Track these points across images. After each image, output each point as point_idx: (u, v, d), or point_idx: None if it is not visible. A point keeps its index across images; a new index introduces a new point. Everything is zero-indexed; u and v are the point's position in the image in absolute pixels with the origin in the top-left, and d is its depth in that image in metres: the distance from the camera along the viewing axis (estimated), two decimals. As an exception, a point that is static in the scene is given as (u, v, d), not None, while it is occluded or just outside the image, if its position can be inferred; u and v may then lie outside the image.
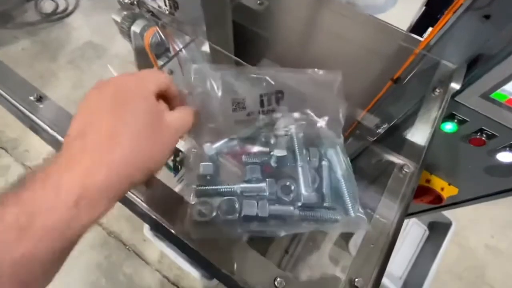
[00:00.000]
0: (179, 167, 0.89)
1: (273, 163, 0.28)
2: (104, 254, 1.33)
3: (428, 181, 0.66)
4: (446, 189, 0.65)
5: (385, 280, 1.31)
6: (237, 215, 0.26)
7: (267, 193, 0.27)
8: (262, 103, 0.32)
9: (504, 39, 0.37)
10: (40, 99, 0.35)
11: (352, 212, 0.27)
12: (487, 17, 0.35)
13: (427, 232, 1.47)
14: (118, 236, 1.37)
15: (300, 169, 0.27)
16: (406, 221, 1.46)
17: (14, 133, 1.59)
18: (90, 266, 1.31)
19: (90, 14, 2.04)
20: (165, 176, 0.96)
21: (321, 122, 0.31)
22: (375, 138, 0.61)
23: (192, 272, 1.09)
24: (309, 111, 0.32)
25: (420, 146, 0.43)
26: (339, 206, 0.27)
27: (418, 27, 0.77)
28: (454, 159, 0.58)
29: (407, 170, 0.35)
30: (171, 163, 0.88)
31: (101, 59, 1.87)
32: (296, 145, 0.29)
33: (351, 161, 0.75)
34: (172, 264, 1.30)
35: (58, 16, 1.99)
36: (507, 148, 0.48)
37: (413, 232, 1.47)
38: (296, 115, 0.31)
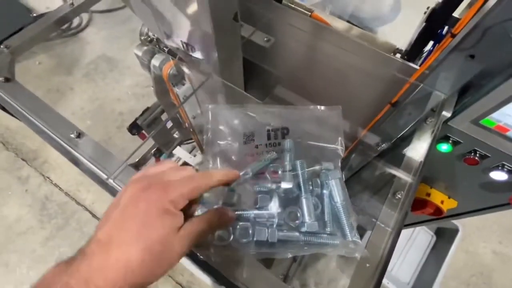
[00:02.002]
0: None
1: (281, 193, 0.33)
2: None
3: (428, 194, 0.70)
4: (446, 202, 0.69)
5: (392, 286, 1.33)
6: (251, 239, 0.31)
7: (276, 219, 0.32)
8: (269, 137, 0.37)
9: (488, 75, 0.41)
10: (79, 135, 0.41)
11: (350, 237, 0.31)
12: (472, 56, 0.39)
13: (434, 238, 1.48)
14: (133, 243, 1.43)
15: (304, 200, 0.32)
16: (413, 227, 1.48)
17: (33, 145, 1.68)
18: (106, 272, 1.37)
19: (102, 29, 2.14)
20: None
21: (322, 156, 0.36)
22: (376, 154, 0.65)
23: (204, 279, 1.13)
24: (311, 146, 0.36)
25: (417, 161, 0.47)
26: (338, 232, 0.32)
27: (419, 42, 0.80)
28: (452, 176, 0.61)
29: (399, 196, 0.39)
30: None
31: (114, 72, 1.96)
32: (301, 178, 0.33)
33: (355, 173, 0.79)
34: (185, 270, 1.36)
35: (72, 31, 2.09)
36: (499, 167, 0.52)
37: (420, 238, 1.49)
38: (300, 151, 0.35)
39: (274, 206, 0.33)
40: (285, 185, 0.32)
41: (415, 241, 1.45)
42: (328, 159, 0.36)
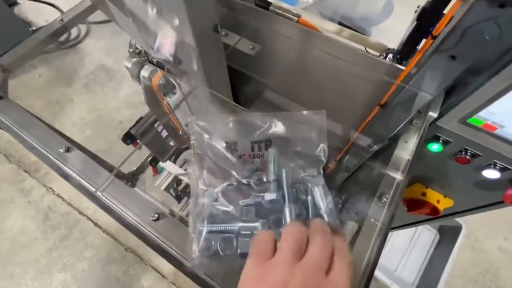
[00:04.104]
0: (182, 195, 0.95)
1: (265, 204, 0.33)
2: (122, 269, 1.40)
3: (424, 194, 0.69)
4: (442, 201, 0.68)
5: (396, 287, 1.32)
6: (235, 251, 0.31)
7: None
8: (252, 149, 0.37)
9: (472, 74, 0.41)
10: (68, 150, 0.42)
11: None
12: (453, 57, 0.39)
13: (438, 237, 1.46)
14: (135, 251, 1.44)
15: (287, 210, 0.32)
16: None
17: (35, 157, 1.70)
18: (109, 280, 1.38)
19: (100, 39, 2.17)
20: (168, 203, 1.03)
21: (306, 163, 0.36)
22: (370, 156, 0.65)
23: (206, 285, 1.13)
24: (294, 153, 0.37)
25: (405, 160, 0.47)
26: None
27: (411, 41, 0.80)
28: (445, 175, 0.61)
29: (385, 200, 0.39)
30: (173, 193, 0.94)
31: (113, 82, 1.98)
32: (285, 187, 0.34)
33: (351, 175, 0.79)
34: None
35: (71, 43, 2.12)
36: (491, 166, 0.51)
37: (424, 237, 1.48)
38: (284, 159, 0.36)
39: (258, 218, 0.33)
40: (269, 196, 0.33)
41: (418, 240, 1.44)
42: (313, 165, 0.36)
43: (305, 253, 0.25)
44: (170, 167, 0.87)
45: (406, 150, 0.45)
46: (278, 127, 0.38)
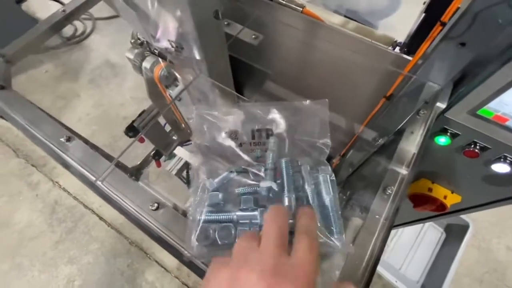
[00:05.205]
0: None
1: (263, 192, 0.33)
2: (127, 262, 1.42)
3: (430, 189, 0.68)
4: (449, 197, 0.66)
5: (401, 285, 1.30)
6: (233, 240, 0.31)
7: (259, 220, 0.31)
8: (253, 137, 0.37)
9: (482, 62, 0.39)
10: (69, 139, 0.42)
11: (336, 236, 0.30)
12: (463, 44, 0.38)
13: (444, 235, 1.44)
14: (139, 245, 1.45)
15: (286, 199, 0.31)
16: (421, 224, 1.44)
17: (43, 151, 1.72)
18: (114, 273, 1.39)
19: (106, 35, 2.18)
20: (180, 188, 1.03)
21: (309, 152, 0.35)
22: (375, 150, 0.64)
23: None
24: (296, 142, 0.36)
25: (409, 154, 0.46)
26: (324, 230, 0.31)
27: (419, 33, 0.78)
28: (453, 169, 0.59)
29: (390, 192, 0.37)
30: (184, 179, 0.94)
31: (118, 77, 1.99)
32: (285, 176, 0.33)
33: (357, 169, 0.77)
34: (190, 271, 1.37)
35: (77, 39, 2.14)
36: (501, 160, 0.50)
37: (430, 235, 1.45)
38: (285, 148, 0.35)
39: (257, 207, 0.32)
40: (265, 184, 0.32)
41: (424, 238, 1.42)
42: (315, 155, 0.35)
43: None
44: (180, 152, 0.87)
45: (412, 141, 0.44)
46: (279, 117, 0.37)
